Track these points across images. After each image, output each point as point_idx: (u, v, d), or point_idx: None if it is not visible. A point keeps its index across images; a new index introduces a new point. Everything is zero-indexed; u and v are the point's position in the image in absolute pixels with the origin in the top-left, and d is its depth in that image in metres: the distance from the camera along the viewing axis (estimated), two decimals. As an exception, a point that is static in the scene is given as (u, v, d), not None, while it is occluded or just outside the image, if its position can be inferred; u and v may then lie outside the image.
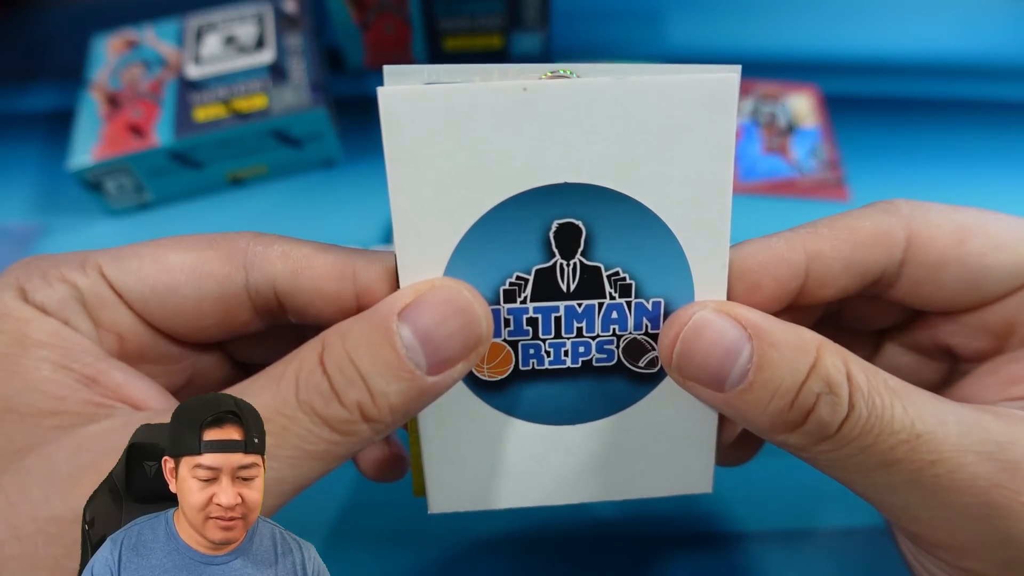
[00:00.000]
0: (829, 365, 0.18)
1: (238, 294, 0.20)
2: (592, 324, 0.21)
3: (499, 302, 0.20)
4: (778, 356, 0.18)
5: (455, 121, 0.18)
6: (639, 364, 0.21)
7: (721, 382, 0.19)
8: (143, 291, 0.20)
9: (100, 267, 0.20)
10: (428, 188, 0.19)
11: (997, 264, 0.21)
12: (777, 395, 0.18)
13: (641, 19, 0.54)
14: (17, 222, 0.44)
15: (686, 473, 0.22)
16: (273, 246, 0.21)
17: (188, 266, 0.20)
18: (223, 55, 0.45)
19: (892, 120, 0.49)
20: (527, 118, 0.18)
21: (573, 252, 0.20)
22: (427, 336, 0.18)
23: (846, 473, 0.19)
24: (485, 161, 0.18)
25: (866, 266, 0.21)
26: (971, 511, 0.18)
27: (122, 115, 0.43)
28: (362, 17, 0.47)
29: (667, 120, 0.18)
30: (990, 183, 0.46)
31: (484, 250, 0.19)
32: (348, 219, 0.44)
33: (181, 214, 0.45)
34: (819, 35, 0.53)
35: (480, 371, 0.21)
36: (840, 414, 0.18)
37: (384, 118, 0.18)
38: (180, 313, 0.20)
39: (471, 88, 0.18)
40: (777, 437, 0.19)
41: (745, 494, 0.34)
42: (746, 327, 0.19)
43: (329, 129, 0.45)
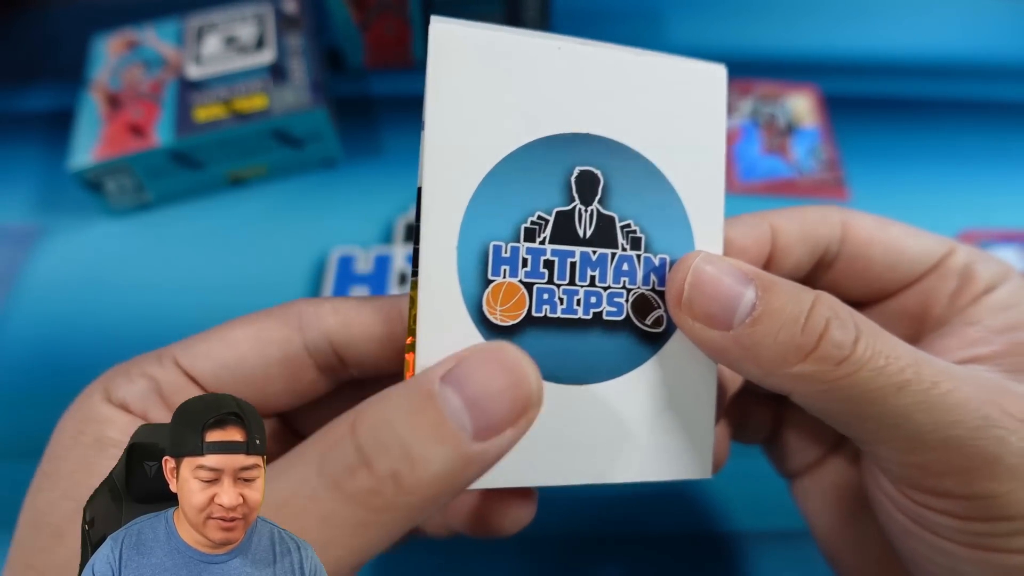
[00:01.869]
0: (831, 298, 0.20)
1: (299, 354, 0.21)
2: (604, 274, 0.21)
3: (519, 240, 0.21)
4: (782, 290, 0.20)
5: (496, 63, 0.20)
6: (646, 321, 0.22)
7: (730, 316, 0.20)
8: (214, 369, 0.21)
9: (175, 357, 0.21)
10: (463, 120, 0.20)
11: (912, 248, 0.24)
12: (787, 321, 0.19)
13: (641, 19, 0.54)
14: (17, 222, 0.45)
15: (685, 455, 0.22)
16: (324, 305, 0.22)
17: (251, 337, 0.21)
18: (223, 55, 0.45)
19: (892, 120, 0.49)
20: (559, 72, 0.20)
21: (591, 199, 0.21)
22: (472, 397, 0.17)
23: (860, 403, 0.19)
24: (518, 104, 0.20)
25: (816, 239, 0.24)
26: (970, 424, 0.19)
27: (122, 115, 0.43)
28: (362, 17, 0.47)
29: (672, 94, 0.21)
30: (990, 183, 0.46)
31: (509, 186, 0.20)
32: (348, 219, 0.44)
33: (181, 214, 0.45)
34: (819, 35, 0.53)
35: (492, 313, 0.20)
36: (851, 334, 0.19)
37: (432, 48, 0.19)
38: (250, 383, 0.21)
39: (515, 37, 0.20)
40: (790, 369, 0.19)
41: (743, 494, 0.34)
42: (747, 272, 0.20)
43: (329, 129, 0.45)
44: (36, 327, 0.40)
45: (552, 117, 0.20)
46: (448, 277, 0.20)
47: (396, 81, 0.51)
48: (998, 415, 0.19)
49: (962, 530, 0.20)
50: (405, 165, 0.47)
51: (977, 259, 0.24)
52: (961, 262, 0.24)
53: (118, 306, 0.41)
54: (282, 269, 0.42)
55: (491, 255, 0.20)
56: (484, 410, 0.17)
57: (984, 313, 0.23)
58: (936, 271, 0.24)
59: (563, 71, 0.20)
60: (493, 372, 0.18)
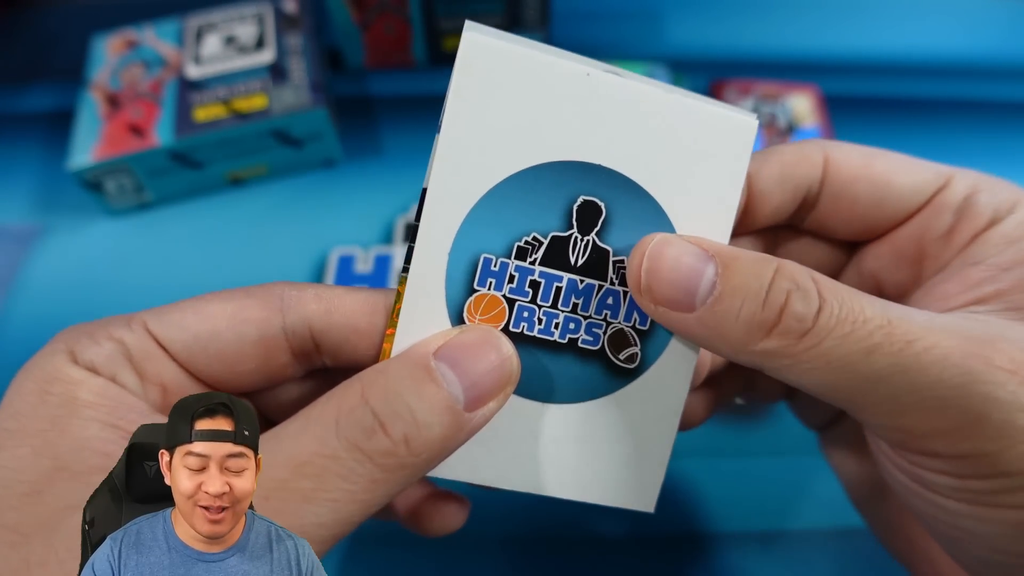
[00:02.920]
0: (792, 267, 0.19)
1: (276, 336, 0.21)
2: (588, 304, 0.21)
3: (510, 257, 0.21)
4: (742, 265, 0.19)
5: (521, 80, 0.20)
6: (620, 356, 0.22)
7: (691, 299, 0.19)
8: (186, 340, 0.21)
9: (145, 323, 0.21)
10: (479, 132, 0.20)
11: (900, 183, 0.23)
12: (748, 298, 0.19)
13: (641, 19, 0.54)
14: (17, 222, 0.45)
15: (632, 487, 0.23)
16: (307, 290, 0.22)
17: (228, 313, 0.21)
18: (223, 55, 0.45)
19: (892, 120, 0.49)
20: (582, 98, 0.20)
21: (589, 230, 0.21)
22: (464, 371, 0.19)
23: (829, 373, 0.19)
24: (535, 124, 0.20)
25: (795, 181, 0.23)
26: (952, 382, 0.18)
27: (122, 115, 0.43)
28: (362, 17, 0.47)
29: (696, 140, 0.21)
30: (990, 183, 0.46)
31: (512, 203, 0.20)
32: (348, 219, 0.44)
33: (181, 214, 0.45)
34: (819, 35, 0.53)
35: (471, 320, 0.21)
36: (813, 305, 0.19)
37: (461, 57, 0.19)
38: (222, 359, 0.21)
39: (545, 57, 0.20)
40: (755, 346, 0.19)
41: (732, 495, 0.34)
42: (707, 249, 0.20)
43: (329, 129, 0.45)
44: (36, 327, 0.40)
45: (567, 143, 0.20)
46: (436, 280, 0.20)
47: (396, 81, 0.51)
48: (983, 368, 0.18)
49: (959, 488, 0.19)
50: (405, 165, 0.47)
51: (981, 188, 0.23)
52: (959, 195, 0.23)
53: (118, 306, 0.41)
54: (282, 269, 0.42)
55: (480, 266, 0.21)
56: (475, 384, 0.19)
57: (988, 249, 0.22)
58: (928, 207, 0.23)
59: (587, 98, 0.20)
60: (485, 351, 0.20)
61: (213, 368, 0.21)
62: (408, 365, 0.19)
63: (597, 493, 0.23)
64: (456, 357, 0.19)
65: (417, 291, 0.20)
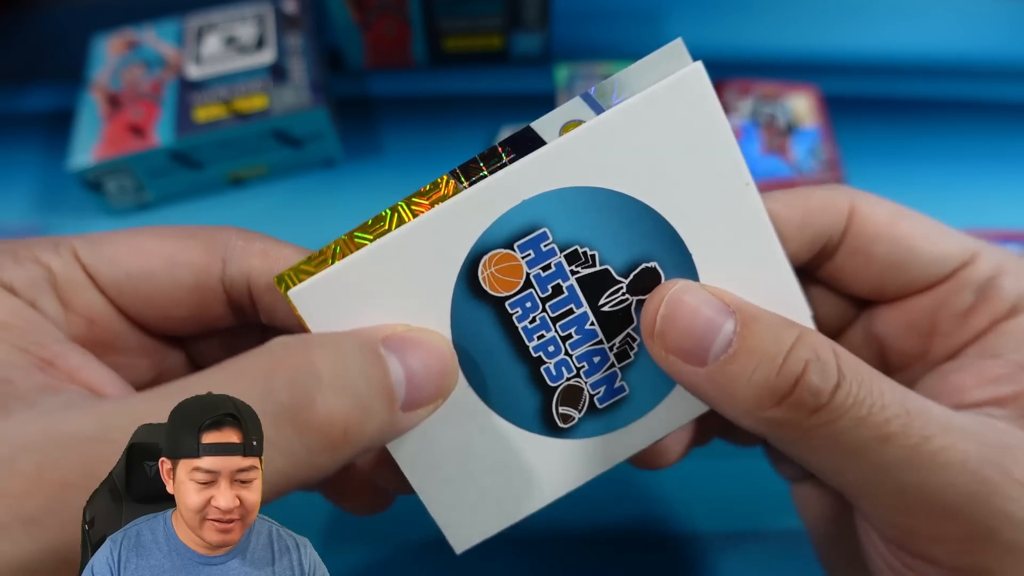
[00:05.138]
0: (814, 337, 0.18)
1: (213, 286, 0.20)
2: (578, 344, 0.21)
3: (563, 251, 0.20)
4: (762, 326, 0.18)
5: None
6: (559, 409, 0.21)
7: (704, 352, 0.18)
8: (117, 276, 0.20)
9: (75, 250, 0.19)
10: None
11: (924, 251, 0.21)
12: (763, 361, 0.18)
13: (641, 19, 0.54)
14: (17, 222, 0.45)
15: (473, 521, 0.22)
16: (255, 243, 0.20)
17: (166, 253, 0.20)
18: (223, 55, 0.45)
19: (892, 120, 0.49)
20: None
21: (637, 292, 0.21)
22: (411, 371, 0.18)
23: (837, 454, 0.18)
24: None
25: (816, 229, 0.22)
26: (965, 489, 0.17)
27: (122, 115, 0.43)
28: (362, 17, 0.47)
29: (661, 136, 0.20)
30: (990, 183, 0.46)
31: (597, 211, 0.20)
32: (348, 219, 0.44)
33: (181, 214, 0.45)
34: (819, 35, 0.53)
35: (484, 270, 0.20)
36: (831, 380, 0.17)
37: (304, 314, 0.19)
38: (154, 300, 0.20)
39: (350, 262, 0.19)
40: (763, 413, 0.18)
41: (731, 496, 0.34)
42: (728, 303, 0.19)
43: (329, 129, 0.45)
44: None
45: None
46: (489, 211, 0.19)
47: (396, 81, 0.51)
48: (999, 479, 0.17)
49: None
50: (405, 165, 0.47)
51: (1006, 271, 0.21)
52: (983, 274, 0.21)
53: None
54: (282, 269, 0.42)
55: (535, 233, 0.20)
56: (416, 386, 0.18)
57: (1008, 342, 0.20)
58: (950, 281, 0.22)
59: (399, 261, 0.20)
60: (429, 355, 0.19)
61: (144, 308, 0.20)
62: (360, 344, 0.18)
63: (439, 514, 0.21)
64: (406, 354, 0.18)
65: (465, 205, 0.19)
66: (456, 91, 0.50)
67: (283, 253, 0.20)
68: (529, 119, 0.20)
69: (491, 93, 0.49)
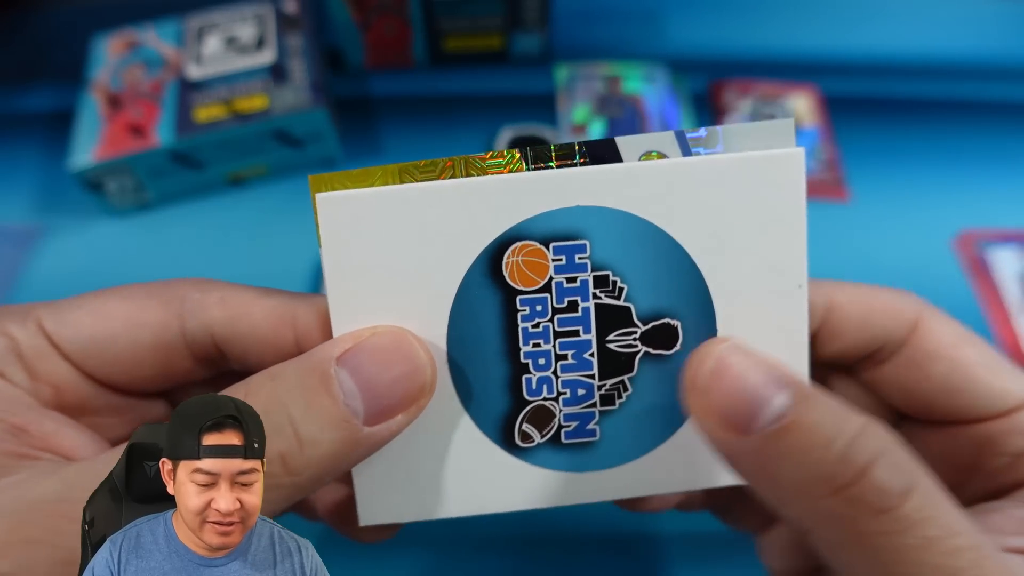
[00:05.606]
0: (885, 429, 0.16)
1: (174, 343, 0.20)
2: (568, 369, 0.20)
3: (593, 270, 0.20)
4: (824, 405, 0.16)
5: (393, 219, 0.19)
6: (521, 426, 0.20)
7: (750, 420, 0.16)
8: (81, 342, 0.20)
9: (39, 319, 0.20)
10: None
11: (984, 382, 0.20)
12: (823, 441, 0.15)
13: (641, 19, 0.54)
14: (17, 222, 0.45)
15: (390, 501, 0.21)
16: (212, 292, 0.20)
17: (125, 315, 0.20)
18: (224, 55, 0.45)
19: (892, 120, 0.49)
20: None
21: (652, 346, 0.20)
22: (367, 382, 0.17)
23: (888, 572, 0.15)
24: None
25: (876, 331, 0.20)
26: None
27: (123, 115, 0.43)
28: (362, 17, 0.47)
29: (745, 199, 0.19)
30: (989, 183, 0.46)
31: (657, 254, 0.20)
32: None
33: (181, 214, 0.45)
34: (819, 35, 0.53)
35: (508, 259, 0.20)
36: (904, 482, 0.15)
37: (323, 223, 0.19)
38: (118, 363, 0.20)
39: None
40: (812, 501, 0.16)
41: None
42: (783, 378, 0.17)
43: (329, 129, 0.45)
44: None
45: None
46: (540, 197, 0.19)
47: (396, 81, 0.51)
48: None
49: None
50: (405, 165, 0.47)
51: None
52: None
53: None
54: (282, 269, 0.42)
55: (573, 240, 0.19)
56: (378, 396, 0.17)
57: None
58: (1004, 419, 0.20)
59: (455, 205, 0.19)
60: (390, 359, 0.18)
61: (110, 371, 0.20)
62: (303, 371, 0.17)
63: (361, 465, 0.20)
64: (360, 364, 0.17)
65: (521, 186, 0.19)
66: (456, 91, 0.50)
67: (243, 298, 0.20)
68: (529, 119, 0.20)
69: (491, 93, 0.49)
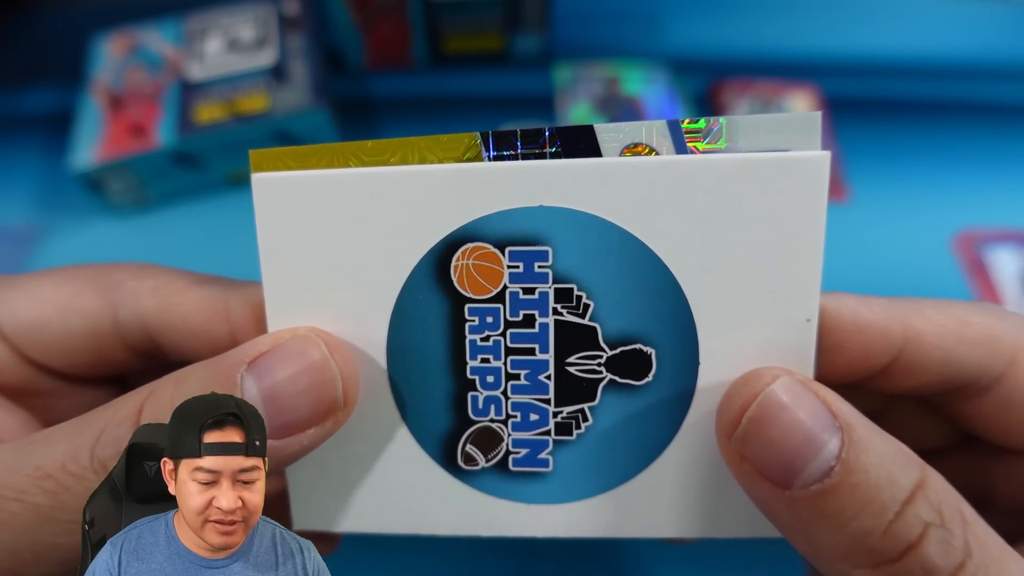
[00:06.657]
0: (940, 491, 0.14)
1: (107, 331, 0.19)
2: (519, 390, 0.18)
3: (555, 282, 0.17)
4: (875, 458, 0.14)
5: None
6: (464, 448, 0.19)
7: (793, 475, 0.15)
8: (17, 324, 0.19)
9: None
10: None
11: None
12: (869, 509, 0.14)
13: (641, 19, 0.54)
14: (18, 222, 0.45)
15: (325, 509, 0.20)
16: (146, 280, 0.19)
17: (58, 300, 0.19)
18: (225, 56, 0.45)
19: (892, 120, 0.49)
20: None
21: (617, 373, 0.18)
22: (272, 394, 0.16)
23: None
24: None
25: (964, 367, 0.17)
26: None
27: (123, 115, 0.43)
28: (363, 18, 0.47)
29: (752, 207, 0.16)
30: (990, 183, 0.46)
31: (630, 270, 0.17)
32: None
33: (182, 214, 0.45)
34: (819, 35, 0.53)
35: (458, 261, 0.18)
36: (954, 559, 0.14)
37: (258, 207, 0.17)
38: (53, 349, 0.19)
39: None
40: (850, 571, 0.15)
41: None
42: (836, 414, 0.15)
43: (330, 130, 0.45)
44: (37, 327, 0.40)
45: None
46: (499, 195, 0.17)
47: (396, 81, 0.51)
48: None
49: None
50: (405, 165, 0.47)
51: None
52: None
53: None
54: (283, 269, 0.42)
55: (532, 248, 0.17)
56: (281, 408, 0.16)
57: None
58: None
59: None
60: (297, 370, 0.16)
61: (45, 356, 0.19)
62: (208, 376, 0.16)
63: (299, 469, 0.19)
64: (269, 371, 0.16)
65: (476, 178, 0.16)
66: (456, 91, 0.50)
67: (175, 287, 0.19)
68: (529, 120, 0.19)
69: (491, 93, 0.49)
